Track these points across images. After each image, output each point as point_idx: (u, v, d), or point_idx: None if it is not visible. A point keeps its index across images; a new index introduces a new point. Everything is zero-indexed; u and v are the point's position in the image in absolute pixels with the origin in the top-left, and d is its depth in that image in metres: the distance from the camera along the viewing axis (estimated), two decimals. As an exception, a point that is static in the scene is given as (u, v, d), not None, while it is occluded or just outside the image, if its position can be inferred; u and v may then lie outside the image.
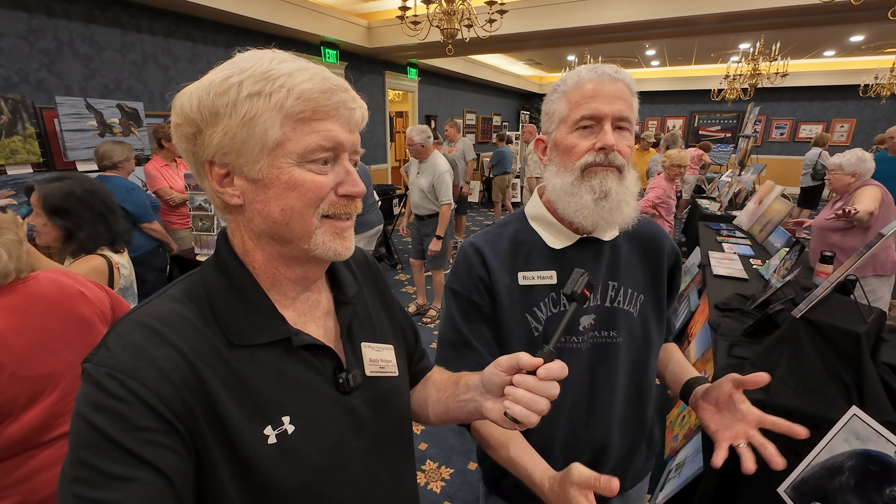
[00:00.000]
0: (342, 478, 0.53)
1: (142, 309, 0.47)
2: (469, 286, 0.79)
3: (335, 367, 0.54)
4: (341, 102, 0.47)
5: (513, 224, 0.84)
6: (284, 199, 0.46)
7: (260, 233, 0.49)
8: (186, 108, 0.45)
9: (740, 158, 5.91)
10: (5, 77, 3.23)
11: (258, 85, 0.44)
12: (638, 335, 0.82)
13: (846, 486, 0.74)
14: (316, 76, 0.45)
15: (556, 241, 0.79)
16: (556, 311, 0.78)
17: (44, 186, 1.35)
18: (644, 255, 0.84)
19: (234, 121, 0.44)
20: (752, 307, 1.93)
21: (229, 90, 0.44)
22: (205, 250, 2.77)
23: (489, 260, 0.79)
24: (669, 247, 0.88)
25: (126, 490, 0.39)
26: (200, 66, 4.47)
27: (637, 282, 0.82)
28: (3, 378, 0.85)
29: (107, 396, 0.40)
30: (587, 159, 0.72)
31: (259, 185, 0.46)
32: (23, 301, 0.92)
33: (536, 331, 0.78)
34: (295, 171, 0.46)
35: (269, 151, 0.45)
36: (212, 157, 0.46)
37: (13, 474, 0.89)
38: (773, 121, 10.47)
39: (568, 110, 0.73)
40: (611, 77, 0.72)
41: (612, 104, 0.71)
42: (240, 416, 0.46)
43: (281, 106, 0.44)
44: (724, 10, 4.30)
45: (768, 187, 3.60)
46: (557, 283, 0.77)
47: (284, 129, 0.44)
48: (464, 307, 0.80)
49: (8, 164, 3.23)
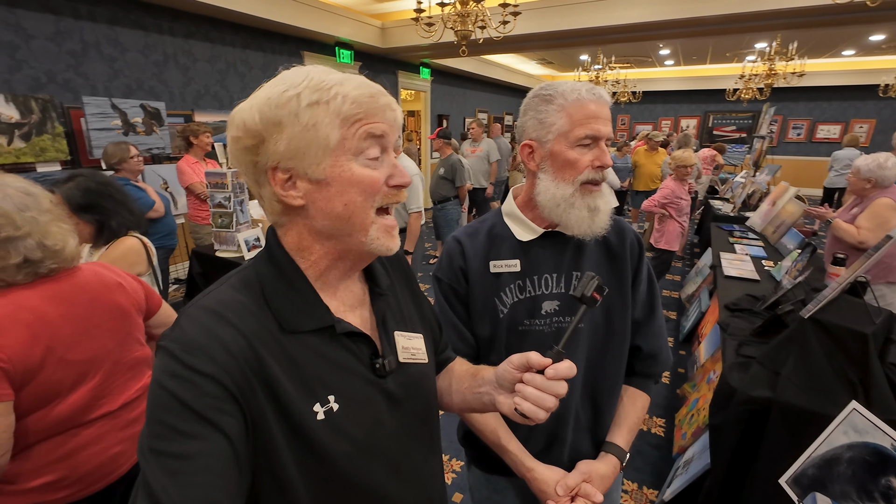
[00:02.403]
0: (379, 451, 0.58)
1: (207, 296, 0.52)
2: (450, 275, 0.92)
3: (371, 353, 0.58)
4: (386, 105, 0.53)
5: (491, 220, 0.95)
6: (347, 194, 0.51)
7: (321, 229, 0.54)
8: (248, 122, 0.50)
9: (755, 159, 5.85)
10: (35, 77, 3.35)
11: (315, 95, 0.49)
12: (600, 324, 0.89)
13: (844, 476, 0.78)
14: (362, 84, 0.51)
15: (523, 235, 0.89)
16: (521, 298, 0.88)
17: (61, 189, 1.42)
18: (607, 248, 0.91)
19: (297, 128, 0.49)
20: (762, 308, 1.95)
21: (289, 102, 0.49)
22: (224, 246, 2.85)
23: (467, 251, 0.91)
24: (631, 240, 0.92)
25: (195, 445, 0.44)
26: (219, 67, 4.58)
27: (601, 274, 0.88)
28: (53, 361, 0.92)
29: (180, 366, 0.45)
30: (587, 175, 0.80)
31: (322, 185, 0.51)
32: (70, 291, 0.98)
33: (501, 313, 0.89)
34: (354, 168, 0.51)
35: (330, 152, 0.50)
36: (276, 163, 0.50)
37: (59, 450, 0.95)
38: (790, 121, 10.32)
39: (570, 126, 0.79)
40: (605, 101, 0.82)
41: (607, 125, 0.81)
42: (293, 393, 0.50)
43: (338, 111, 0.49)
44: (740, 11, 4.27)
45: (782, 188, 3.58)
46: (520, 270, 0.88)
47: (342, 130, 0.50)
48: (446, 292, 0.93)
49: (38, 162, 3.36)
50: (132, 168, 2.93)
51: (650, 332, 0.94)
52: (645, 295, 0.94)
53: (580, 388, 0.90)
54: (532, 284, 0.88)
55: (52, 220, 0.96)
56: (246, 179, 0.54)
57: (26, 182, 0.97)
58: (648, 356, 0.95)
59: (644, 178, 5.78)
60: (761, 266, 2.72)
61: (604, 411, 0.93)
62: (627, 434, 0.92)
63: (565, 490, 0.80)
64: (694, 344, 2.99)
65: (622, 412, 0.94)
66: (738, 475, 1.35)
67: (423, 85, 7.84)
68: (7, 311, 0.88)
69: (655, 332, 0.95)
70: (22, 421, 0.90)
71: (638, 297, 0.93)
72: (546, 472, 0.85)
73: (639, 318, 0.93)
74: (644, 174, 5.77)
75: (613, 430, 0.93)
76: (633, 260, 0.92)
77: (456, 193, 4.39)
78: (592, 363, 0.90)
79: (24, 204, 0.92)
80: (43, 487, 0.94)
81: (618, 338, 0.91)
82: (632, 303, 0.91)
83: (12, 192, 0.91)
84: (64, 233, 0.98)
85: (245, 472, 0.47)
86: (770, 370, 1.37)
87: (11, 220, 0.89)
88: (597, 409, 0.93)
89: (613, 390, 0.94)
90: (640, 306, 0.93)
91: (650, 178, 5.71)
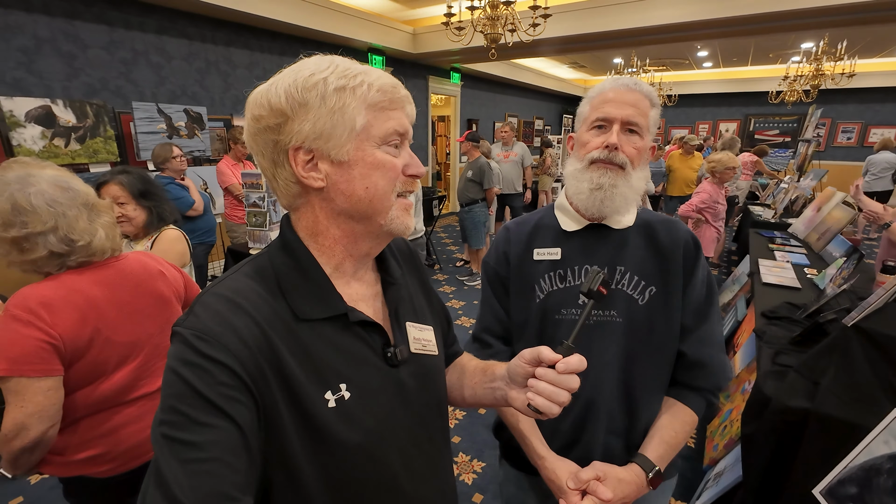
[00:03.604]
0: (391, 442, 0.57)
1: (222, 283, 0.53)
2: (495, 259, 0.98)
3: (384, 343, 0.59)
4: (405, 97, 0.55)
5: (543, 211, 1.00)
6: (369, 178, 0.53)
7: (339, 211, 0.54)
8: (274, 101, 0.50)
9: (800, 164, 5.58)
10: (89, 84, 3.59)
11: (342, 80, 0.50)
12: (640, 322, 0.86)
13: (884, 487, 0.73)
14: (384, 75, 0.53)
15: (568, 224, 0.92)
16: (560, 287, 0.90)
17: (122, 178, 1.51)
18: (655, 246, 0.89)
19: (324, 111, 0.50)
20: (803, 316, 1.85)
21: (316, 85, 0.50)
22: (257, 244, 2.96)
23: (512, 237, 0.97)
24: (686, 241, 0.89)
25: (207, 434, 0.44)
26: (256, 73, 4.77)
27: (646, 273, 0.87)
28: (100, 342, 0.98)
29: (194, 354, 0.46)
30: (595, 154, 0.85)
31: (344, 167, 0.52)
32: (115, 276, 1.05)
33: (538, 298, 0.91)
34: (377, 153, 0.53)
35: (355, 136, 0.51)
36: (300, 143, 0.51)
37: (102, 426, 1.02)
38: (839, 124, 9.76)
39: (588, 112, 0.88)
40: (628, 87, 0.84)
41: (622, 110, 0.83)
42: (305, 381, 0.50)
43: (365, 97, 0.51)
44: (785, 8, 4.08)
45: (829, 194, 3.39)
46: (561, 259, 0.91)
47: (368, 116, 0.52)
48: (490, 274, 0.99)
49: (91, 163, 3.59)
50: (175, 167, 3.10)
51: (697, 338, 0.88)
52: (699, 301, 0.88)
53: (614, 387, 0.87)
54: (572, 274, 0.89)
55: (80, 215, 0.98)
56: (261, 161, 0.55)
57: (68, 177, 1.00)
58: (693, 365, 0.88)
59: (678, 183, 5.60)
60: (803, 274, 2.59)
61: (640, 417, 0.88)
62: (660, 447, 0.84)
63: (576, 482, 0.77)
64: (729, 353, 2.87)
65: (658, 423, 0.88)
66: (771, 488, 1.29)
67: (454, 89, 7.90)
68: (60, 293, 0.95)
69: (703, 339, 0.88)
70: (70, 396, 0.96)
71: (690, 303, 0.87)
72: (558, 462, 0.83)
73: (688, 323, 0.88)
74: (678, 179, 5.60)
75: (646, 441, 0.87)
76: (686, 262, 0.88)
77: (483, 196, 4.39)
78: (629, 362, 0.86)
79: (55, 199, 0.95)
80: (88, 460, 1.01)
81: (659, 339, 0.86)
82: (682, 306, 0.87)
83: (45, 188, 0.94)
84: (93, 227, 1.00)
85: (255, 462, 0.47)
86: (808, 379, 1.31)
87: (38, 216, 0.92)
88: (632, 413, 0.88)
89: (653, 396, 0.89)
90: (690, 311, 0.88)
91: (685, 183, 5.53)
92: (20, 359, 0.88)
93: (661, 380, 0.89)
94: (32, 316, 0.90)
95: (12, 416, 0.88)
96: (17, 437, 0.88)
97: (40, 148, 3.31)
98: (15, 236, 0.92)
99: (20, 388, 0.88)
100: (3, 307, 0.91)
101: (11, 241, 0.92)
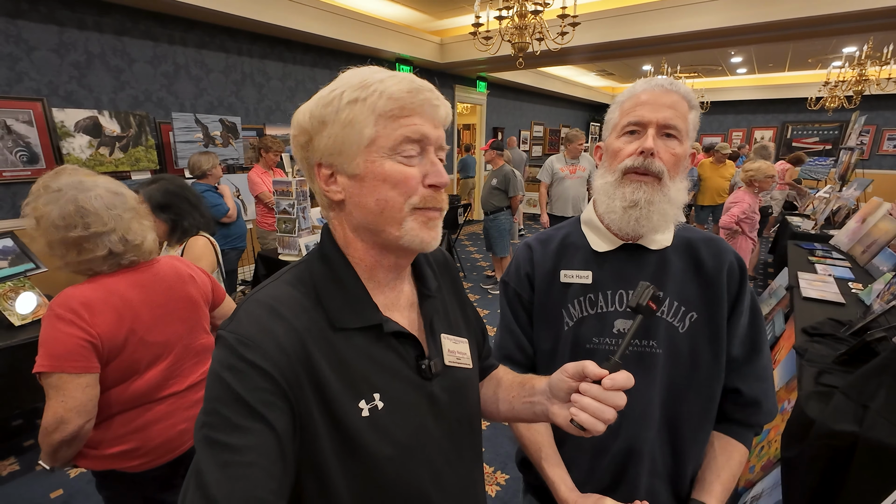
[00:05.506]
0: (422, 456, 0.56)
1: (263, 290, 0.54)
2: (516, 280, 0.89)
3: (417, 355, 0.58)
4: (426, 100, 0.52)
5: (567, 227, 0.91)
6: (378, 191, 0.51)
7: (357, 224, 0.54)
8: (301, 121, 0.53)
9: (842, 173, 5.31)
10: (134, 96, 3.79)
11: (356, 92, 0.50)
12: (683, 353, 0.78)
13: (945, 521, 0.67)
14: (404, 80, 0.51)
15: (599, 245, 0.83)
16: (591, 313, 0.81)
17: (145, 189, 1.59)
18: (697, 269, 0.80)
19: (337, 125, 0.50)
20: (848, 333, 1.75)
21: (333, 100, 0.51)
22: (287, 250, 3.02)
23: (535, 257, 0.87)
24: (731, 263, 0.80)
25: (246, 438, 0.44)
26: (289, 84, 4.92)
27: (688, 298, 0.79)
28: (134, 341, 1.02)
29: (236, 358, 0.47)
30: (628, 163, 0.76)
31: (357, 180, 0.52)
32: (150, 279, 1.09)
33: (567, 325, 0.83)
34: (386, 164, 0.51)
35: (364, 148, 0.50)
36: (320, 159, 0.53)
37: (134, 422, 1.06)
38: (885, 131, 9.28)
39: (619, 118, 0.79)
40: (663, 88, 0.76)
41: (658, 112, 0.74)
42: (339, 389, 0.50)
43: (373, 107, 0.50)
44: (826, 12, 3.92)
45: (875, 204, 3.21)
46: (592, 283, 0.82)
47: (377, 127, 0.50)
48: (510, 297, 0.90)
49: (133, 171, 3.78)
50: (216, 175, 3.23)
51: (752, 373, 0.80)
52: (746, 329, 0.81)
53: (657, 425, 0.79)
54: (604, 299, 0.80)
55: (134, 217, 1.08)
56: (305, 175, 0.57)
57: (116, 183, 1.09)
58: (750, 403, 0.80)
59: (710, 192, 5.43)
60: (847, 288, 2.45)
61: (685, 458, 0.80)
62: (721, 492, 0.77)
63: None
64: (766, 371, 2.73)
65: (714, 464, 0.79)
66: (816, 516, 1.21)
67: (480, 98, 7.94)
68: (99, 295, 1.00)
69: (759, 374, 0.81)
70: (105, 393, 1.00)
71: (737, 331, 0.80)
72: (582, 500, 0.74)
73: (738, 355, 0.80)
74: (710, 188, 5.43)
75: (702, 485, 0.78)
76: (731, 286, 0.79)
77: (508, 204, 4.37)
78: (672, 398, 0.79)
79: (112, 203, 1.04)
80: (120, 455, 1.05)
81: (705, 373, 0.79)
82: (728, 336, 0.79)
83: (102, 192, 1.03)
84: (144, 229, 1.10)
85: (290, 469, 0.48)
86: (856, 402, 1.22)
87: (100, 218, 1.01)
88: (677, 453, 0.80)
89: (698, 434, 0.81)
90: (739, 342, 0.80)
91: (716, 192, 5.36)
92: (62, 356, 0.92)
93: (707, 417, 0.81)
94: (74, 315, 0.94)
95: (53, 410, 0.92)
96: (57, 430, 0.92)
97: (87, 156, 3.50)
98: (78, 236, 0.98)
99: (61, 384, 0.92)
100: (48, 306, 0.96)
101: (73, 242, 0.99)
